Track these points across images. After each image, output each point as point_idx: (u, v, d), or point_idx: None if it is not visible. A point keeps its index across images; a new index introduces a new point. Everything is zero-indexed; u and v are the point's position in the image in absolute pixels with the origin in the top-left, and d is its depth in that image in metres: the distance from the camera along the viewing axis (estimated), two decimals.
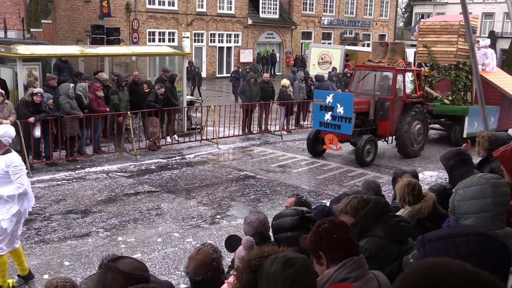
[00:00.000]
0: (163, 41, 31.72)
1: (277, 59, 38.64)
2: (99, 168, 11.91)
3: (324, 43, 39.70)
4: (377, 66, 14.00)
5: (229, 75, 35.90)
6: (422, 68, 16.39)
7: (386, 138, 14.18)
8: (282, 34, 39.23)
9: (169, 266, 7.10)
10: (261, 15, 37.56)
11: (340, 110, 12.65)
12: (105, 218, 8.83)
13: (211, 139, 14.97)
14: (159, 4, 31.81)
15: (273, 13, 38.37)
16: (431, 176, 12.32)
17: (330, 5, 42.59)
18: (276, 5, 38.24)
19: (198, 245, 3.86)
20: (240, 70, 24.28)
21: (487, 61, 16.74)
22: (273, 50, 38.55)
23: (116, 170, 11.87)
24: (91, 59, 19.15)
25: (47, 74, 13.34)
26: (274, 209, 9.49)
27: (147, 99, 13.61)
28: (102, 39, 16.74)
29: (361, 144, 12.71)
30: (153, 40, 31.61)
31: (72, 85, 12.25)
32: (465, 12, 7.70)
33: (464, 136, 15.34)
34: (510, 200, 2.46)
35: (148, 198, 9.99)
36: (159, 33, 32.07)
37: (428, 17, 54.95)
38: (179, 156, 13.48)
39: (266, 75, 18.39)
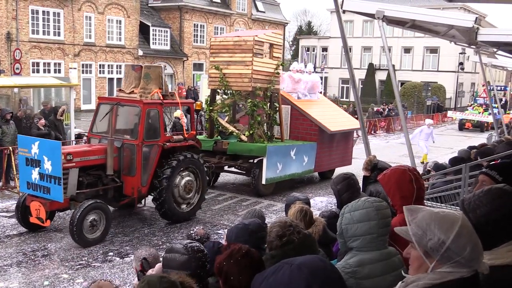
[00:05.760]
0: (49, 72, 30.38)
1: (170, 90, 38.45)
2: None
3: None
4: (121, 99, 10.33)
5: None
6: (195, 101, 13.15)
7: (134, 200, 10.13)
8: (173, 66, 39.22)
9: None
10: (152, 46, 37.36)
11: (47, 165, 8.70)
12: None
13: None
14: (44, 34, 30.49)
15: (164, 45, 38.32)
16: (321, 201, 12.80)
17: None
18: (167, 37, 38.27)
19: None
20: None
21: (298, 86, 14.83)
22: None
23: None
24: None
25: None
26: (169, 242, 9.31)
27: (31, 132, 12.90)
28: None
29: (78, 215, 8.68)
30: (38, 71, 30.12)
31: None
32: (345, 45, 8.21)
33: (263, 182, 12.57)
34: (390, 221, 2.63)
35: (34, 239, 9.33)
36: (44, 63, 30.67)
37: (313, 50, 57.97)
38: None
39: None
